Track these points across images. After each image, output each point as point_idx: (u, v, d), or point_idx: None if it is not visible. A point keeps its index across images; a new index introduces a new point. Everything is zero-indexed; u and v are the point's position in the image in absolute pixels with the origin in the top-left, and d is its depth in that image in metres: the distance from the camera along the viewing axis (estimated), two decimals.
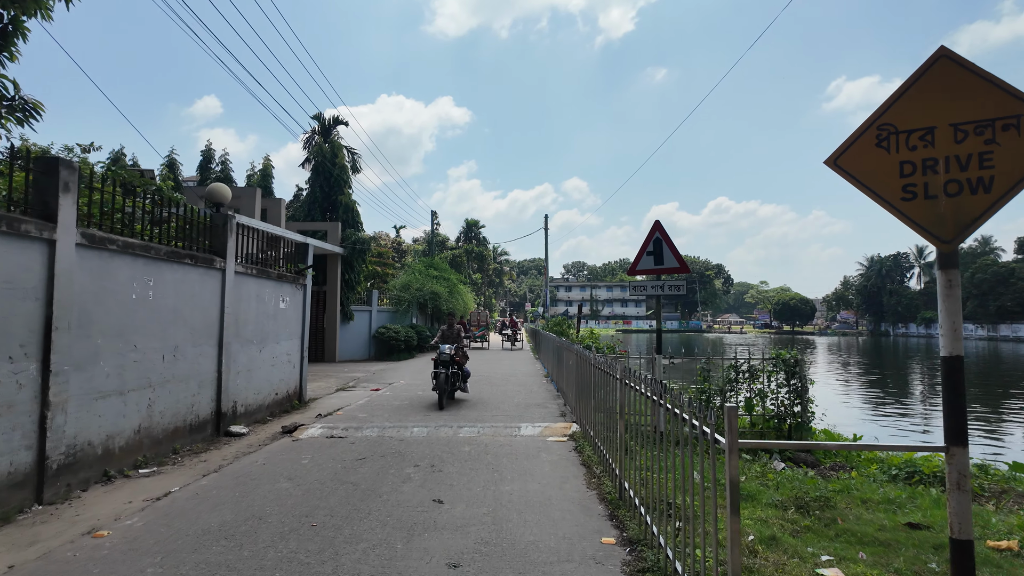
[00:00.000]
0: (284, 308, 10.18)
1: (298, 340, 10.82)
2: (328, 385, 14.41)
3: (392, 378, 15.64)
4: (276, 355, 9.91)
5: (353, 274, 23.35)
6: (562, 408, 10.28)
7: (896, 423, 15.05)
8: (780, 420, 8.56)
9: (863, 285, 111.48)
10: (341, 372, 17.80)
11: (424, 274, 29.32)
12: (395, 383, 14.33)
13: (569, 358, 9.85)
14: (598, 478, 5.74)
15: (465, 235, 65.93)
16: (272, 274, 9.63)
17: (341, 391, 13.26)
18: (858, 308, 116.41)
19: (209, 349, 7.82)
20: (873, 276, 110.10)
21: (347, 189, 24.44)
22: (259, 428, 8.69)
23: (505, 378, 15.30)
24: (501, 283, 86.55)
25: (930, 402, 19.68)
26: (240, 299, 8.64)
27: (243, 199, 16.87)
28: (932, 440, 12.12)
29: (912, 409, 17.94)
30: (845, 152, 2.81)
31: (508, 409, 10.14)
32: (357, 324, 23.89)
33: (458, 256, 54.17)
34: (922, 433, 13.74)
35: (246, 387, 8.87)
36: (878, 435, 11.01)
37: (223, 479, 5.79)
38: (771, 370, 8.68)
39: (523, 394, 12.14)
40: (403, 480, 5.69)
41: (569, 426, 8.34)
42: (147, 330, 6.52)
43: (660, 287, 8.36)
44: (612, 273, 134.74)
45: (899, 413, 16.93)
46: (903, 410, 17.63)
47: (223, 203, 8.47)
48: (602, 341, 15.49)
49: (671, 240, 8.33)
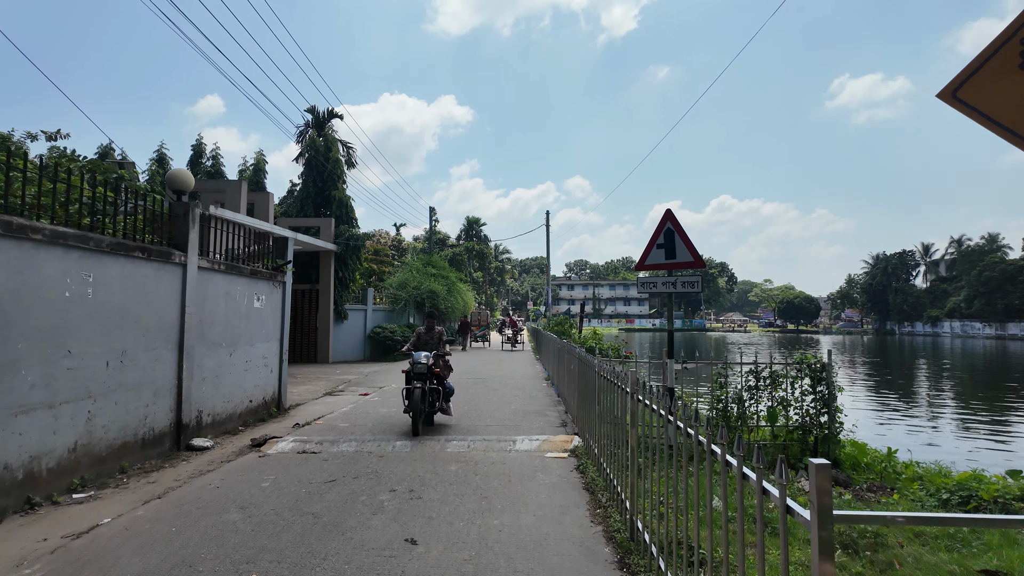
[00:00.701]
0: (259, 308, 9.33)
1: (276, 342, 9.98)
2: (315, 389, 13.58)
3: (384, 381, 14.80)
4: (250, 359, 9.06)
5: (347, 272, 22.51)
6: (563, 417, 9.42)
7: (925, 430, 14.15)
8: (805, 432, 7.70)
9: (868, 283, 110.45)
10: (332, 374, 16.97)
11: (422, 272, 28.45)
12: (386, 387, 13.48)
13: (571, 362, 8.99)
14: (604, 508, 4.87)
15: (466, 233, 65.01)
16: (244, 270, 8.78)
17: (328, 396, 12.43)
18: (863, 306, 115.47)
19: (167, 353, 6.97)
20: (878, 274, 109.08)
21: (341, 184, 23.59)
22: (227, 440, 7.84)
23: (503, 381, 14.45)
24: (503, 282, 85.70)
25: (959, 405, 18.77)
26: (206, 297, 7.80)
27: (228, 193, 16.02)
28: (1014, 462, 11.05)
29: (937, 412, 17.03)
30: (969, 80, 1.96)
31: (504, 417, 9.28)
32: (351, 324, 23.06)
33: (459, 254, 53.27)
34: (972, 449, 12.82)
35: (213, 395, 8.03)
36: (910, 447, 10.14)
37: (164, 508, 4.94)
38: (795, 376, 7.82)
39: (521, 400, 11.28)
40: (374, 510, 4.83)
41: (570, 439, 7.47)
42: (85, 333, 5.68)
43: (672, 283, 7.49)
44: (615, 272, 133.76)
45: (924, 417, 16.03)
46: (928, 414, 16.72)
47: (185, 190, 7.62)
48: (606, 341, 14.62)
49: (684, 231, 7.46)
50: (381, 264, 29.63)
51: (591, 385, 6.63)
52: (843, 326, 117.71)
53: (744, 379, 7.79)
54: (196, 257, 7.48)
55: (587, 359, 6.78)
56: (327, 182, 23.58)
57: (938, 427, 14.78)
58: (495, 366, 19.17)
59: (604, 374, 5.44)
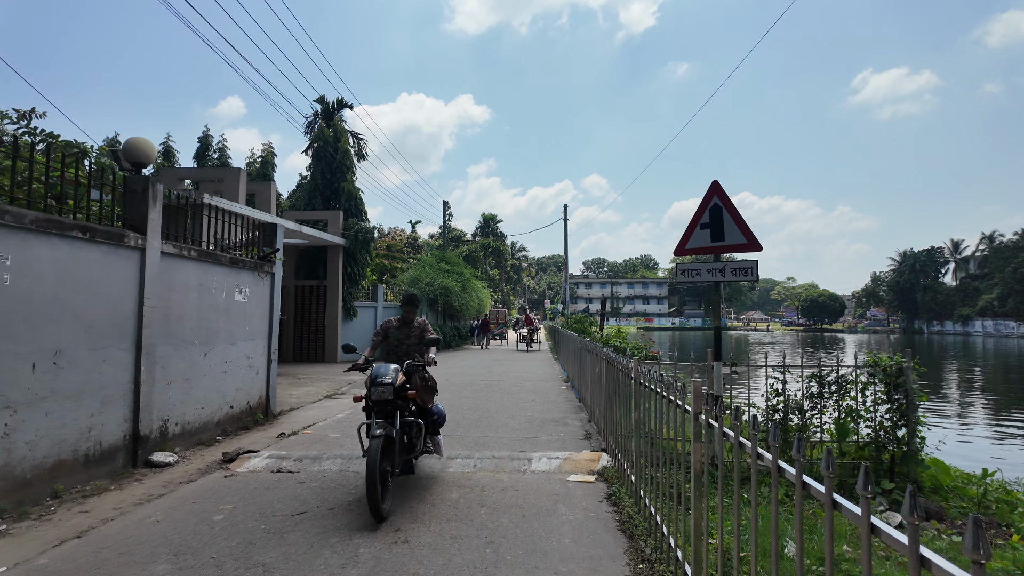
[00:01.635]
0: (242, 301, 8.26)
1: (263, 340, 8.90)
2: (317, 391, 12.54)
3: None
4: (231, 359, 7.99)
5: (356, 267, 21.50)
6: (586, 427, 8.20)
7: (983, 439, 12.67)
8: (879, 448, 6.40)
9: (895, 281, 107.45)
10: (338, 375, 15.93)
11: (435, 268, 27.38)
12: None
13: (595, 363, 7.78)
14: (649, 563, 3.65)
15: (482, 230, 63.97)
16: (222, 258, 7.70)
17: (327, 399, 11.37)
18: (889, 305, 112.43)
19: (120, 353, 5.90)
20: (906, 272, 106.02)
21: (350, 175, 22.58)
22: (197, 454, 6.76)
23: (518, 383, 13.26)
24: (519, 279, 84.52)
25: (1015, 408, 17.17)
26: (172, 288, 6.72)
27: (226, 181, 15.05)
28: None
29: (992, 418, 15.47)
30: None
31: (518, 427, 8.10)
32: (361, 321, 22.02)
33: (474, 251, 52.21)
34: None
35: (183, 401, 6.96)
36: (974, 458, 8.82)
37: (77, 553, 3.84)
38: (865, 381, 6.53)
39: (538, 405, 10.08)
40: (345, 561, 3.68)
41: (597, 457, 6.24)
42: (1, 328, 4.61)
43: (720, 271, 6.23)
44: (633, 270, 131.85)
45: (980, 424, 14.51)
46: (982, 420, 15.19)
47: (144, 162, 6.55)
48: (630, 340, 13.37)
49: (735, 207, 6.20)
50: (394, 260, 28.64)
51: (623, 392, 5.43)
52: (869, 325, 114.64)
53: (805, 385, 6.52)
54: (158, 241, 6.40)
55: (619, 362, 5.57)
56: (335, 174, 22.60)
57: (998, 435, 13.28)
58: (511, 366, 18.00)
59: (648, 384, 4.23)
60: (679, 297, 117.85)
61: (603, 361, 6.71)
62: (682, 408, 3.39)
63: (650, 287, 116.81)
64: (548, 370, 16.78)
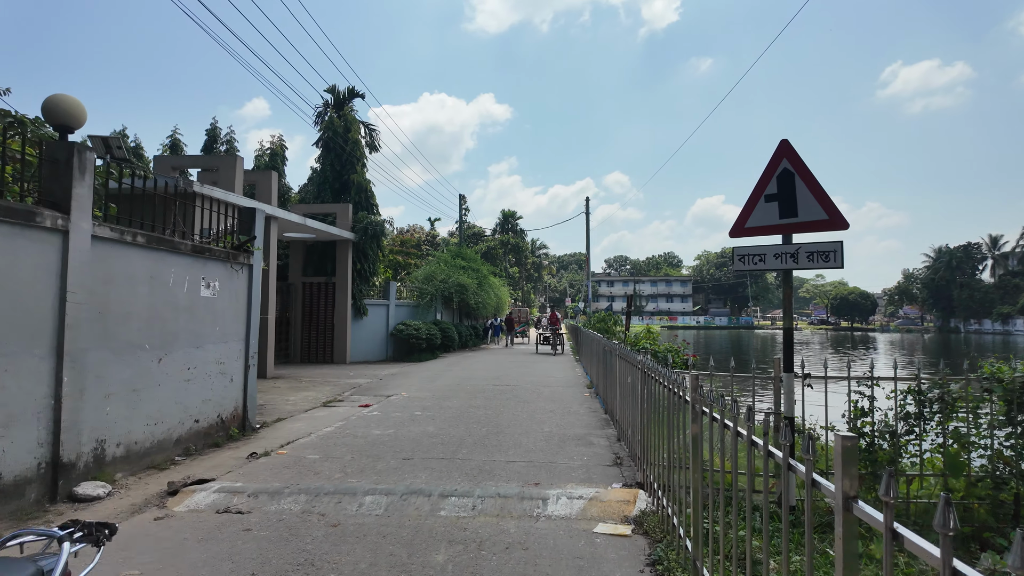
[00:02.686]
0: (211, 297, 7.06)
1: (239, 343, 7.70)
2: (316, 397, 11.38)
3: (396, 387, 12.48)
4: (196, 365, 6.80)
5: (367, 263, 20.37)
6: (614, 447, 6.84)
7: None
8: (997, 485, 4.95)
9: (930, 278, 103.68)
10: (344, 378, 14.79)
11: (450, 264, 26.16)
12: (395, 396, 11.14)
13: (626, 371, 6.42)
14: None
15: (501, 227, 62.66)
16: (182, 246, 6.50)
17: (324, 407, 10.18)
18: (923, 303, 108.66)
19: (32, 361, 4.72)
20: (941, 268, 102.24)
21: (360, 167, 21.45)
22: (142, 482, 5.57)
23: (535, 389, 11.93)
24: (540, 277, 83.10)
25: None
26: (111, 281, 5.54)
27: (221, 170, 14.00)
28: None
29: None
30: None
31: (532, 447, 6.77)
32: (372, 320, 20.90)
33: (493, 248, 50.97)
34: None
35: (128, 416, 5.77)
36: None
37: None
38: (979, 398, 5.08)
39: (557, 417, 8.74)
40: None
41: (631, 496, 4.86)
42: None
43: (791, 255, 4.82)
44: (656, 267, 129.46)
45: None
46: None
47: (72, 126, 5.36)
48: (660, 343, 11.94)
49: (811, 173, 4.80)
50: (408, 256, 27.53)
51: (664, 410, 4.09)
52: (902, 323, 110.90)
53: (898, 402, 5.09)
54: (88, 223, 5.21)
55: (664, 376, 4.21)
56: (345, 166, 21.50)
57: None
58: (529, 368, 16.67)
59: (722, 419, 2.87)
60: (704, 295, 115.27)
61: (638, 371, 5.35)
62: (763, 450, 2.05)
63: (674, 285, 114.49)
64: (569, 374, 15.42)
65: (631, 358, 5.87)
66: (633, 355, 5.72)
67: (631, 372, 5.88)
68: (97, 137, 13.61)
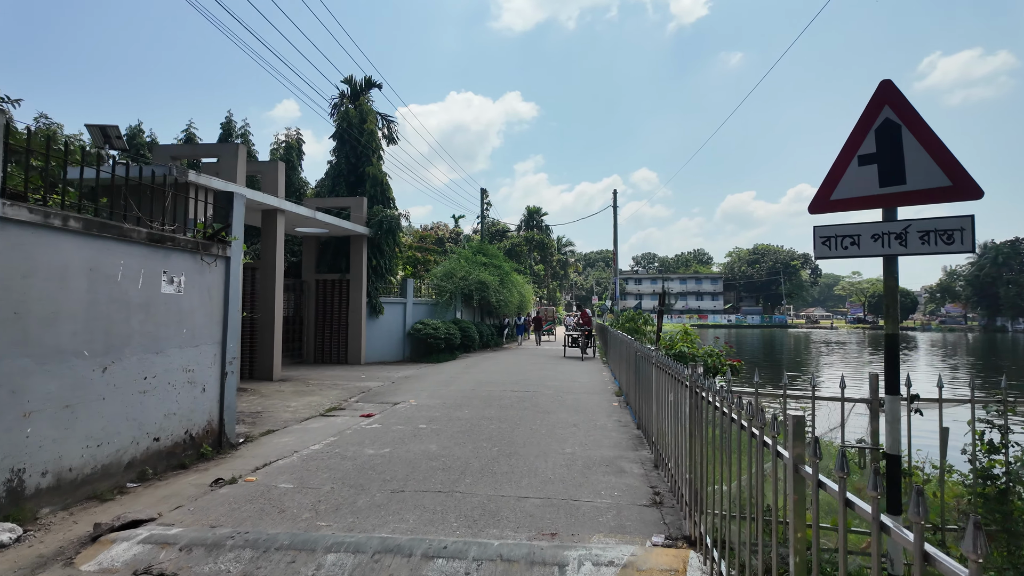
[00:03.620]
0: (174, 294, 6.05)
1: (213, 346, 6.68)
2: (320, 403, 10.41)
3: (406, 393, 11.41)
4: (155, 373, 5.79)
5: (383, 259, 19.42)
6: (651, 476, 5.60)
7: None
8: None
9: (974, 275, 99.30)
10: (354, 380, 13.82)
11: (471, 261, 25.06)
12: (402, 403, 10.06)
13: (666, 385, 5.20)
14: None
15: (526, 223, 61.39)
16: (134, 234, 5.48)
17: (323, 416, 9.18)
18: (967, 301, 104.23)
19: None
20: (987, 265, 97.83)
21: (376, 159, 20.50)
22: (71, 519, 4.55)
23: (557, 396, 10.72)
24: (566, 275, 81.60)
25: None
26: (31, 273, 4.53)
27: (221, 159, 13.10)
28: None
29: None
30: None
31: (550, 475, 5.58)
32: (388, 319, 19.94)
33: (517, 245, 49.74)
34: None
35: (59, 438, 4.76)
36: None
37: None
38: None
39: (581, 434, 7.53)
40: None
41: (680, 560, 3.62)
42: None
43: (898, 236, 3.55)
44: (685, 264, 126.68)
45: None
46: None
47: None
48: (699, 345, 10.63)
49: (926, 124, 3.52)
50: (427, 253, 26.53)
51: (733, 441, 2.88)
52: (944, 322, 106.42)
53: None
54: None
55: (728, 402, 3.00)
56: (360, 158, 20.60)
57: None
58: (552, 371, 15.46)
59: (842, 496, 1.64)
60: (735, 293, 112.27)
61: (685, 389, 4.13)
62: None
63: (704, 283, 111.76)
64: (596, 378, 14.17)
65: (675, 371, 4.64)
66: (678, 367, 4.49)
67: (675, 388, 4.65)
68: (95, 126, 12.83)
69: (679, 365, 4.48)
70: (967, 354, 41.79)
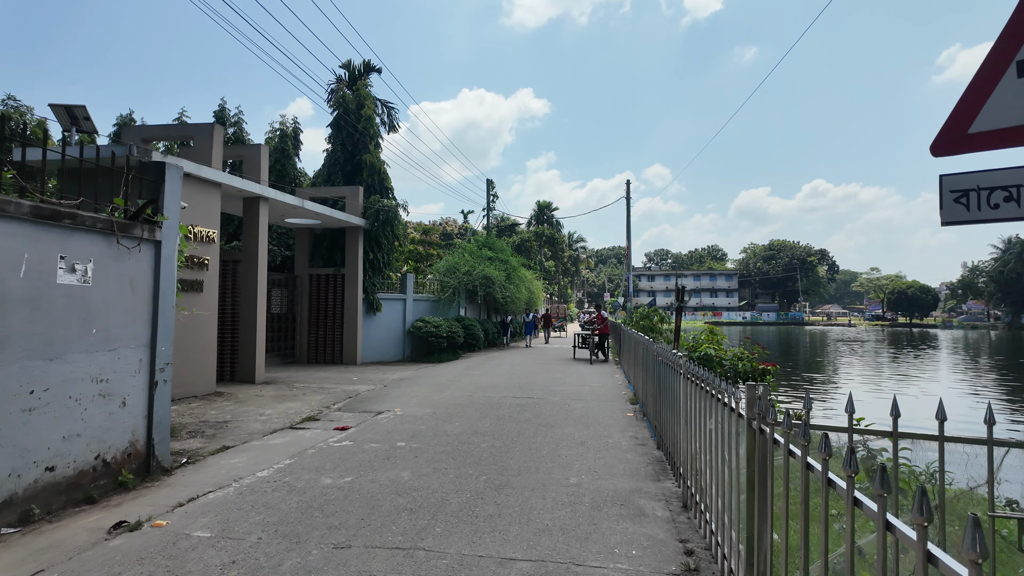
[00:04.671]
0: (79, 285, 4.82)
1: (139, 349, 5.44)
2: (298, 411, 9.24)
3: (395, 399, 10.17)
4: (47, 385, 4.56)
5: (381, 253, 18.21)
6: (679, 524, 4.27)
7: None
8: None
9: (998, 271, 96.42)
10: (344, 383, 12.63)
11: (476, 255, 23.77)
12: (385, 413, 8.82)
13: (700, 405, 3.88)
14: None
15: (536, 218, 60.01)
16: (11, 207, 4.25)
17: (293, 429, 7.98)
18: (990, 297, 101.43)
19: None
20: (1011, 260, 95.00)
21: (374, 147, 19.27)
22: None
23: (564, 404, 9.42)
24: (577, 272, 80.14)
25: None
26: None
27: (196, 141, 11.92)
28: None
29: None
30: None
31: (547, 521, 4.28)
32: (387, 317, 18.73)
33: (527, 240, 48.38)
34: None
35: None
36: None
37: None
38: None
39: (591, 456, 6.22)
40: None
41: None
42: None
43: None
44: (699, 261, 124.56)
45: None
46: None
47: None
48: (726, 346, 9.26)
49: None
50: (430, 247, 25.28)
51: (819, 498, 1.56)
52: (966, 319, 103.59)
53: None
54: None
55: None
56: (357, 145, 19.39)
57: None
58: (560, 374, 14.15)
59: None
60: (750, 289, 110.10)
61: (740, 421, 2.82)
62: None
63: (718, 279, 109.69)
64: (607, 382, 12.84)
65: (717, 389, 3.32)
66: (726, 388, 3.16)
67: (718, 413, 3.33)
68: (59, 106, 11.61)
69: (727, 385, 3.16)
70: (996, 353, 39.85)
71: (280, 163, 21.72)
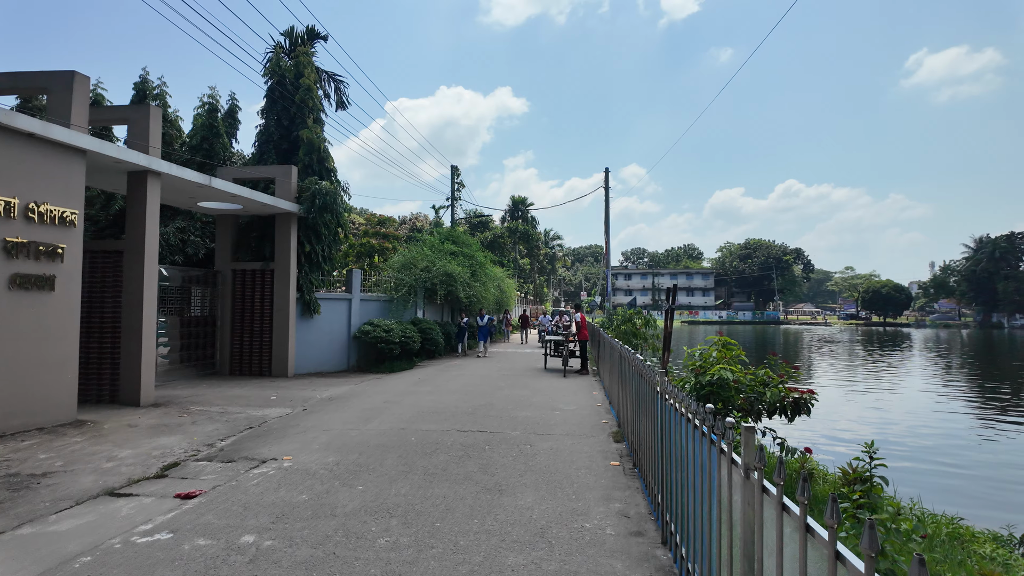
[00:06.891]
0: None
1: None
2: (162, 454, 6.71)
3: (301, 435, 7.56)
4: None
5: (320, 245, 15.48)
6: None
7: None
8: None
9: (970, 270, 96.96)
10: (258, 404, 10.01)
11: (437, 249, 21.15)
12: (269, 463, 6.21)
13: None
14: None
15: (511, 213, 57.46)
16: None
17: (117, 494, 5.36)
18: (962, 296, 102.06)
19: None
20: (983, 259, 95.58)
21: (312, 121, 16.48)
22: None
23: (525, 441, 6.91)
24: (554, 270, 77.83)
25: None
26: None
27: (52, 94, 9.14)
28: None
29: None
30: None
31: None
32: (328, 319, 16.01)
33: (500, 236, 45.85)
34: None
35: None
36: None
37: None
38: None
39: (556, 563, 3.73)
40: None
41: None
42: None
43: None
44: (676, 260, 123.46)
45: None
46: None
47: None
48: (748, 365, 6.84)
49: None
50: (384, 240, 22.59)
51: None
52: (937, 318, 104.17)
53: None
54: None
55: None
56: (295, 119, 16.64)
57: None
58: (527, 390, 11.65)
59: None
60: (726, 288, 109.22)
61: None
62: None
63: (695, 278, 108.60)
64: (585, 402, 10.37)
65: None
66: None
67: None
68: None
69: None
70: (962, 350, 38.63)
71: (208, 142, 18.61)
